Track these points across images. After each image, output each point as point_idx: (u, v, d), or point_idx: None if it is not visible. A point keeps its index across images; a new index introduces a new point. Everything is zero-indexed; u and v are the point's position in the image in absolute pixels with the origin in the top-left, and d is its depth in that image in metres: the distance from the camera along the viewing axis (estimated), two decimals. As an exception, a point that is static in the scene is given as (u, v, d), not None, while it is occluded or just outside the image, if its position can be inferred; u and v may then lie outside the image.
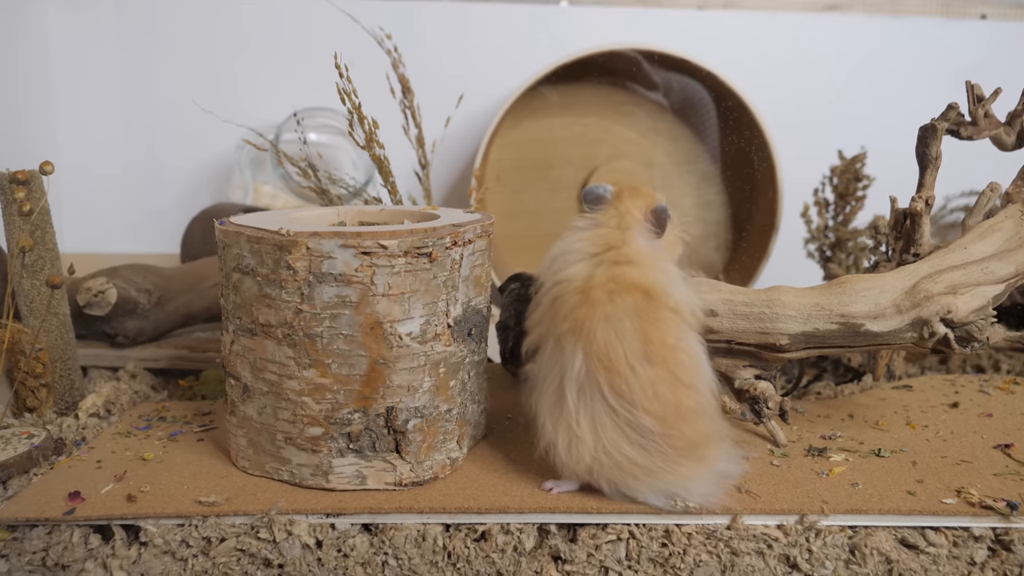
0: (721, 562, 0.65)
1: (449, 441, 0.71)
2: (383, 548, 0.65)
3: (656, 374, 0.63)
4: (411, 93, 1.01)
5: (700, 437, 0.64)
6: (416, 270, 0.65)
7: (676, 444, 0.63)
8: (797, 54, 1.65)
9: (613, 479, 0.65)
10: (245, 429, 0.70)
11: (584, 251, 0.67)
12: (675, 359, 0.63)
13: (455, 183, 1.65)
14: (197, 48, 1.58)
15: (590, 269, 0.66)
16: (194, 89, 1.57)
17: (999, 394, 0.92)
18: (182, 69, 1.58)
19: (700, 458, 0.65)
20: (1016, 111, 0.86)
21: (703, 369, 0.66)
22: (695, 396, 0.64)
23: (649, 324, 0.63)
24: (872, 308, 0.70)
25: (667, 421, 0.63)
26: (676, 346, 0.64)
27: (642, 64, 1.46)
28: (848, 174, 1.25)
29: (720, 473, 0.66)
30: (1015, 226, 0.75)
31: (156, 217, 1.61)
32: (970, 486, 0.69)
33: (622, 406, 0.63)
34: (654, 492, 0.65)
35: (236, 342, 0.69)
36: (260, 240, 0.65)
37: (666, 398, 0.63)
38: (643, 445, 0.63)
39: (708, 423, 0.65)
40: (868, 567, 0.65)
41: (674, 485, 0.65)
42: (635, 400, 0.62)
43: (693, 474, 0.65)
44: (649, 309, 0.64)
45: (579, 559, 0.65)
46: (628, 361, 0.63)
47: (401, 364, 0.66)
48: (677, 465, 0.64)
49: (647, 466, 0.64)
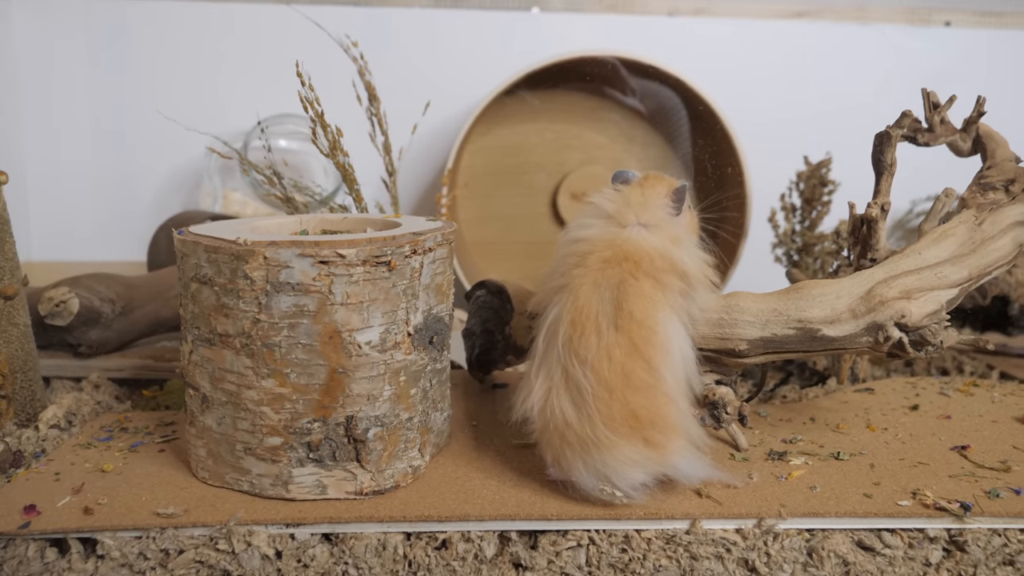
0: (680, 566, 0.65)
1: (411, 449, 0.71)
2: (343, 558, 0.65)
3: (617, 339, 0.64)
4: (377, 100, 1.01)
5: (650, 416, 0.64)
6: (375, 279, 0.65)
7: (616, 413, 0.63)
8: (766, 61, 1.67)
9: (555, 450, 0.66)
10: (205, 439, 0.70)
11: (604, 212, 0.71)
12: (639, 332, 0.64)
13: (427, 190, 1.65)
14: (167, 54, 1.57)
15: (602, 232, 0.70)
16: (165, 96, 1.56)
17: (959, 396, 0.93)
18: (152, 75, 1.57)
19: (647, 441, 0.64)
20: (971, 118, 0.88)
21: (671, 352, 0.66)
22: (652, 372, 0.64)
23: (623, 295, 0.65)
24: (828, 313, 0.71)
25: (613, 387, 0.63)
26: (643, 321, 0.65)
27: (619, 69, 1.47)
28: (814, 179, 1.27)
29: (673, 470, 0.66)
30: (969, 231, 0.77)
31: (126, 224, 1.60)
32: (926, 488, 0.70)
33: (575, 364, 0.64)
34: (588, 470, 0.65)
35: (195, 352, 0.69)
36: (217, 250, 0.64)
37: (619, 363, 0.64)
38: (586, 410, 0.64)
39: (666, 406, 0.64)
40: (825, 570, 0.65)
41: (608, 467, 0.64)
42: (588, 359, 0.64)
43: (633, 457, 0.64)
44: (632, 281, 0.66)
45: (540, 566, 0.65)
46: (596, 322, 0.65)
47: (361, 373, 0.66)
48: (616, 441, 0.63)
49: (583, 436, 0.64)
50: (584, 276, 0.67)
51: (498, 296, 0.89)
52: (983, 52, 1.70)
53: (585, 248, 0.69)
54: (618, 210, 0.71)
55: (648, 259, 0.67)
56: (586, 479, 0.65)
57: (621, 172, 0.75)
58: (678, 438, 0.66)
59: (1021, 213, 0.80)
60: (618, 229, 0.70)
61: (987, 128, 0.89)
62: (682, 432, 0.66)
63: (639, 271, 0.67)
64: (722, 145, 1.44)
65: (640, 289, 0.66)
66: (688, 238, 0.73)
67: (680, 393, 0.66)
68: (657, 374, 0.65)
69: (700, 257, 0.73)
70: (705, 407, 0.74)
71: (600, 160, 1.54)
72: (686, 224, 0.74)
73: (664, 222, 0.71)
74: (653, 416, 0.64)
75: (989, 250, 0.76)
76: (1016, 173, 0.83)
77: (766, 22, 1.66)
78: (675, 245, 0.70)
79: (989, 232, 0.77)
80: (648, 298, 0.66)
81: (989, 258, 0.76)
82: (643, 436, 0.64)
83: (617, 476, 0.65)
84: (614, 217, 0.70)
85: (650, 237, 0.69)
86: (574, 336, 0.66)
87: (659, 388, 0.65)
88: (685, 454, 0.66)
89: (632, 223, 0.70)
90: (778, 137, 1.58)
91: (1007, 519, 0.67)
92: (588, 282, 0.67)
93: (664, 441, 0.65)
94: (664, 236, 0.70)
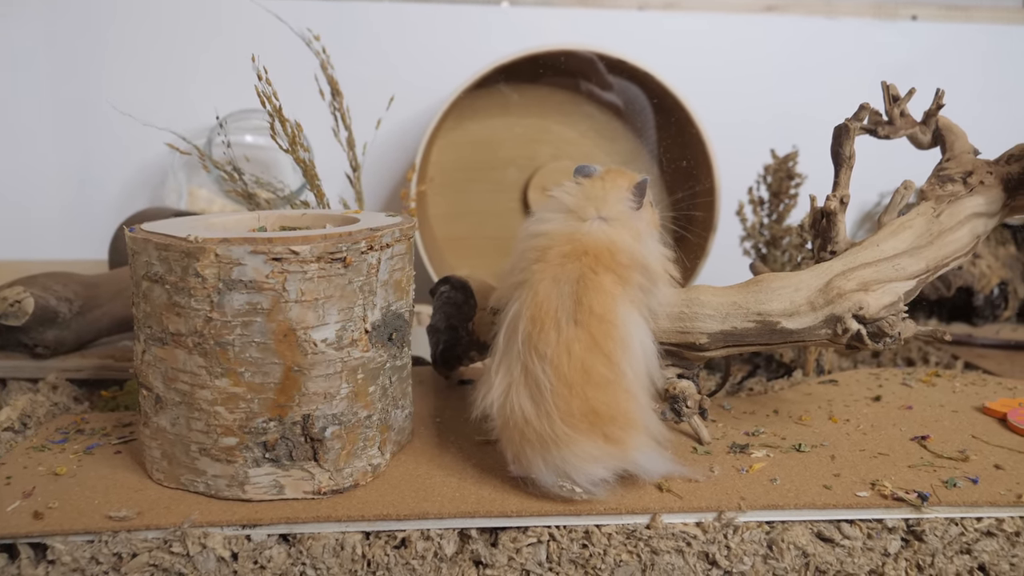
0: (641, 561, 0.65)
1: (370, 447, 0.70)
2: (300, 558, 0.64)
3: (576, 334, 0.64)
4: (340, 95, 1.00)
5: (610, 411, 0.63)
6: (330, 275, 0.65)
7: (576, 409, 0.63)
8: (735, 54, 1.67)
9: (515, 447, 0.65)
10: (159, 440, 0.68)
11: (564, 206, 0.70)
12: (600, 327, 0.64)
13: (397, 185, 1.64)
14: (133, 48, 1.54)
15: (562, 226, 0.69)
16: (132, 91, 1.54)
17: (921, 387, 0.94)
18: (117, 70, 1.55)
19: (607, 437, 0.63)
20: (930, 110, 0.88)
21: (632, 346, 0.65)
22: (611, 367, 0.64)
23: (583, 289, 0.65)
24: (787, 306, 0.71)
25: (572, 383, 0.63)
26: (603, 316, 0.64)
27: (597, 64, 1.47)
28: (781, 173, 1.27)
29: (633, 466, 0.66)
30: (927, 223, 0.77)
31: (89, 222, 1.57)
32: (884, 478, 0.70)
33: (534, 360, 0.64)
34: (548, 467, 0.64)
35: (147, 352, 0.67)
36: (168, 247, 0.63)
37: (578, 358, 0.63)
38: (545, 407, 0.63)
39: (626, 401, 0.64)
40: (785, 561, 0.66)
41: (568, 463, 0.64)
42: (547, 355, 0.63)
43: (593, 453, 0.63)
44: (592, 276, 0.66)
45: (500, 563, 0.65)
46: (556, 317, 0.65)
47: (317, 371, 0.65)
48: (575, 437, 0.63)
49: (542, 432, 0.63)
50: (544, 271, 0.67)
51: (462, 292, 0.89)
52: (949, 46, 1.71)
53: (544, 243, 0.68)
54: (578, 204, 0.70)
55: (608, 253, 0.67)
56: (546, 476, 0.65)
57: (583, 166, 0.75)
58: (638, 434, 0.65)
59: (979, 205, 0.81)
60: (578, 223, 0.69)
61: (946, 121, 0.90)
62: (642, 428, 0.66)
63: (599, 265, 0.66)
64: (691, 139, 1.44)
65: (600, 283, 0.66)
66: (649, 232, 0.73)
67: (641, 388, 0.66)
68: (617, 369, 0.65)
69: (660, 252, 0.73)
70: (666, 401, 0.74)
71: (570, 155, 1.54)
72: (647, 219, 0.74)
73: (624, 216, 0.70)
74: (613, 412, 0.64)
75: (947, 242, 0.77)
76: (974, 165, 0.83)
77: (736, 16, 1.67)
78: (635, 239, 0.70)
79: (947, 224, 0.78)
80: (608, 292, 0.66)
81: (947, 249, 0.77)
82: (603, 432, 0.64)
83: (577, 472, 0.64)
84: (574, 211, 0.70)
85: (610, 231, 0.69)
86: (533, 332, 0.65)
87: (619, 383, 0.65)
88: (645, 450, 0.66)
89: (592, 217, 0.69)
90: (747, 131, 1.58)
91: (964, 508, 0.68)
92: (548, 277, 0.66)
93: (624, 437, 0.64)
94: (624, 230, 0.69)
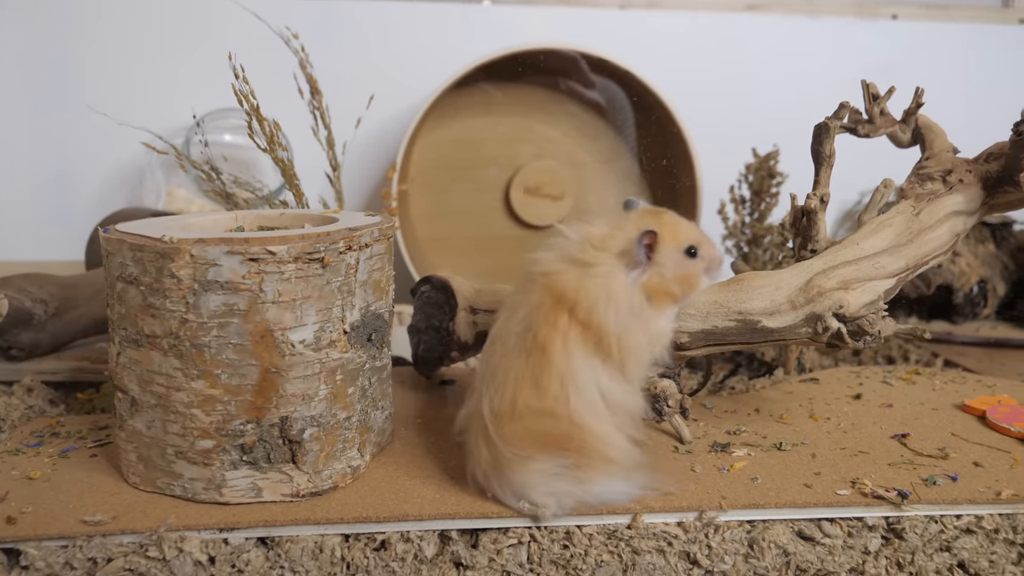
0: (623, 561, 0.65)
1: (349, 449, 0.69)
2: (279, 561, 0.63)
3: (521, 361, 0.63)
4: (319, 94, 0.99)
5: (556, 439, 0.62)
6: (308, 276, 0.64)
7: (519, 434, 0.62)
8: (717, 53, 1.68)
9: (475, 466, 0.66)
10: (135, 444, 0.68)
11: (564, 247, 0.66)
12: (540, 359, 0.62)
13: (378, 185, 1.63)
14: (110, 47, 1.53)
15: (550, 261, 0.66)
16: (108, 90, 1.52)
17: (901, 384, 0.94)
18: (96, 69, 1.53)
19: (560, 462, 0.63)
20: (910, 109, 0.89)
21: (578, 383, 0.62)
22: (544, 398, 0.62)
23: (536, 318, 0.63)
24: (768, 305, 0.71)
25: (501, 416, 0.63)
26: (544, 348, 0.62)
27: (580, 63, 1.46)
28: (762, 171, 1.28)
29: (594, 498, 0.65)
30: (906, 221, 0.77)
31: (66, 223, 1.55)
32: (865, 477, 0.70)
33: (487, 383, 0.64)
34: (503, 490, 0.65)
35: (122, 354, 0.66)
36: (142, 248, 0.62)
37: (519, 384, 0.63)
38: (494, 430, 0.63)
39: (573, 430, 0.62)
40: (766, 560, 0.66)
41: (524, 487, 0.64)
42: (497, 378, 0.64)
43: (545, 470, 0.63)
44: (548, 309, 0.64)
45: (481, 564, 0.64)
46: (508, 342, 0.65)
47: (294, 372, 0.64)
48: (521, 464, 0.63)
49: (494, 456, 0.64)
50: (514, 297, 0.67)
51: (442, 291, 0.88)
52: (929, 45, 1.72)
53: (533, 270, 0.67)
54: (573, 247, 0.66)
55: (573, 300, 0.63)
56: (507, 498, 0.65)
57: (631, 201, 0.71)
58: (599, 463, 0.64)
59: (958, 203, 0.81)
60: (564, 266, 0.65)
61: (926, 119, 0.90)
62: (600, 458, 0.64)
63: (561, 304, 0.63)
64: (672, 138, 1.44)
65: (552, 318, 0.63)
66: (627, 294, 0.64)
67: (596, 419, 0.63)
68: (556, 402, 0.62)
69: (629, 319, 0.64)
70: (647, 400, 0.74)
71: (552, 153, 1.54)
72: (638, 279, 0.66)
73: (609, 269, 0.64)
74: (559, 439, 0.62)
75: (926, 240, 0.77)
76: (953, 163, 0.84)
77: (717, 15, 1.67)
78: (607, 299, 0.63)
79: (927, 222, 0.78)
80: (557, 327, 0.63)
81: (926, 248, 0.77)
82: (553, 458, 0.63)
83: (533, 491, 0.64)
84: (567, 252, 0.66)
85: (585, 281, 0.64)
86: (493, 356, 0.66)
87: (561, 413, 0.62)
88: (603, 481, 0.64)
89: (580, 262, 0.65)
90: (728, 129, 1.58)
91: (943, 506, 0.68)
92: (515, 303, 0.66)
93: (582, 465, 0.63)
94: (599, 285, 0.63)
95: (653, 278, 0.66)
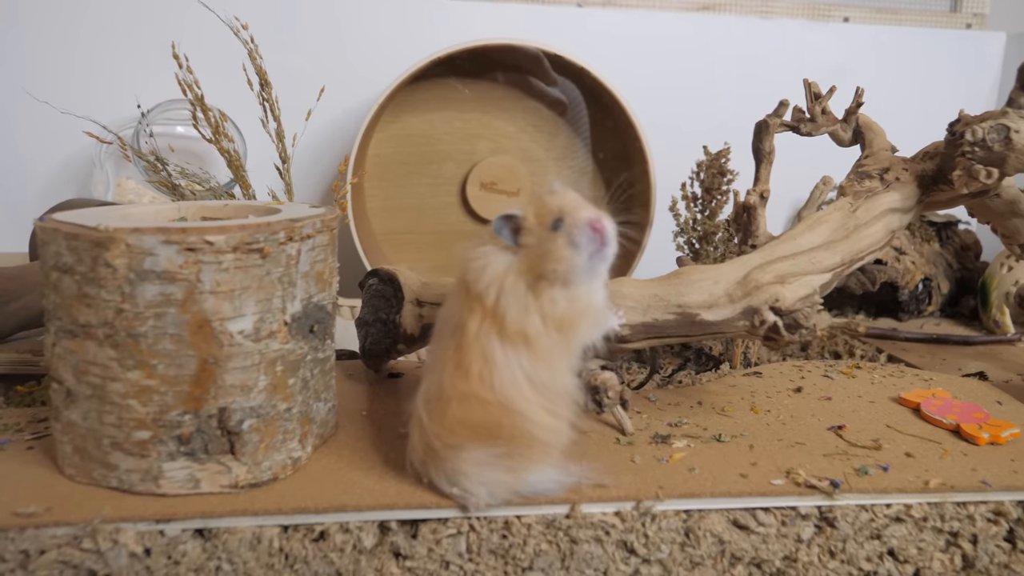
0: (561, 551, 0.66)
1: (290, 440, 0.69)
2: (216, 553, 0.63)
3: (448, 345, 0.65)
4: (268, 85, 0.98)
5: (486, 427, 0.63)
6: (247, 266, 0.64)
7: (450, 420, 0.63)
8: (672, 52, 1.69)
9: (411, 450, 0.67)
10: (70, 435, 0.67)
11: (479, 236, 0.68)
12: (460, 341, 0.64)
13: (332, 178, 1.62)
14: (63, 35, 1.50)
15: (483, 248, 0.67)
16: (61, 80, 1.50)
17: (841, 378, 0.96)
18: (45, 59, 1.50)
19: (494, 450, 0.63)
20: (851, 108, 0.91)
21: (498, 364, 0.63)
22: (471, 383, 0.63)
23: (457, 304, 0.66)
24: (707, 298, 0.73)
25: (431, 401, 0.65)
26: (463, 330, 0.64)
27: (542, 60, 1.47)
28: (713, 169, 1.29)
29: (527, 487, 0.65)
30: (843, 218, 0.79)
31: (12, 215, 1.52)
32: (800, 467, 0.72)
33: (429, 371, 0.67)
34: (437, 476, 0.66)
35: (58, 344, 0.66)
36: (77, 237, 0.62)
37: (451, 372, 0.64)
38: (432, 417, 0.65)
39: (504, 418, 0.63)
40: (702, 549, 0.67)
41: (456, 475, 0.64)
42: (435, 367, 0.66)
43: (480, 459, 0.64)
44: (466, 294, 0.65)
45: (420, 554, 0.65)
46: (443, 332, 0.67)
47: (233, 363, 0.64)
48: (454, 453, 0.64)
49: (422, 447, 0.65)
50: (452, 287, 0.69)
51: (390, 285, 0.88)
52: (879, 47, 1.76)
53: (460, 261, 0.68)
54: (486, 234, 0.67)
55: (474, 289, 0.64)
56: (441, 484, 0.66)
57: None
58: (530, 453, 0.64)
59: (894, 200, 0.83)
60: (496, 248, 0.66)
61: (866, 119, 0.92)
62: (531, 446, 0.64)
63: (471, 292, 0.65)
64: (627, 135, 1.45)
65: (469, 303, 0.64)
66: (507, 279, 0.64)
67: (525, 402, 0.63)
68: (481, 385, 0.63)
69: (524, 311, 0.63)
70: (588, 392, 0.75)
71: (508, 149, 1.54)
72: (520, 265, 0.64)
73: (491, 259, 0.65)
74: (491, 428, 0.63)
75: (862, 236, 0.79)
76: (891, 162, 0.86)
77: (672, 14, 1.69)
78: (496, 287, 0.63)
79: (863, 218, 0.80)
80: (472, 311, 0.64)
81: (862, 243, 0.79)
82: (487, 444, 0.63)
83: (466, 479, 0.64)
84: (482, 238, 0.67)
85: (479, 269, 0.64)
86: (432, 346, 0.68)
87: (487, 397, 0.63)
88: (536, 470, 0.65)
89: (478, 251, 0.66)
90: (683, 127, 1.60)
91: (874, 495, 0.70)
92: (450, 293, 0.68)
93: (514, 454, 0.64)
94: (484, 272, 0.64)
95: (523, 262, 0.64)
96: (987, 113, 0.78)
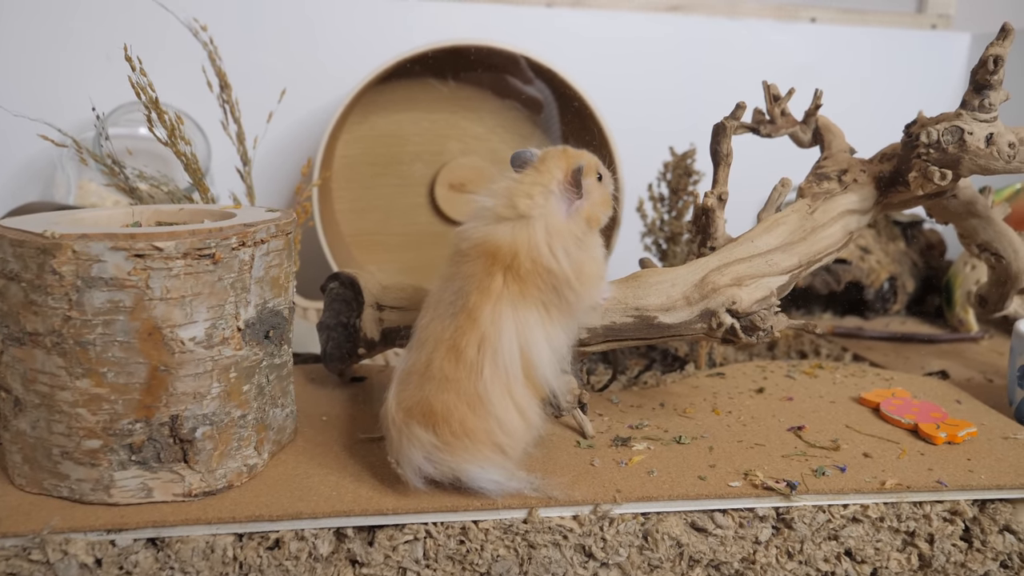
0: (519, 556, 0.65)
1: (245, 448, 0.68)
2: (168, 562, 0.62)
3: (443, 327, 0.65)
4: (228, 87, 0.97)
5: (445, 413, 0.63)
6: (198, 272, 0.63)
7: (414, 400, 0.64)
8: (640, 53, 1.70)
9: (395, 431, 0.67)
10: (19, 445, 0.66)
11: (484, 210, 0.68)
12: (465, 323, 0.64)
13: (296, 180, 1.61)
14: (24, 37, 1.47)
15: (478, 232, 0.67)
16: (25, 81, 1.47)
17: (804, 378, 0.97)
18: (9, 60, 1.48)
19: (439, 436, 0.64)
20: (810, 110, 0.91)
21: (500, 350, 0.64)
22: (460, 367, 0.63)
23: (469, 284, 0.65)
24: (664, 301, 0.73)
25: (411, 374, 0.66)
26: (472, 312, 0.64)
27: (520, 61, 1.46)
28: (679, 169, 1.30)
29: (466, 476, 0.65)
30: (800, 219, 0.79)
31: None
32: (758, 469, 0.72)
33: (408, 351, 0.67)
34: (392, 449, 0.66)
35: (5, 352, 0.64)
36: (23, 243, 0.61)
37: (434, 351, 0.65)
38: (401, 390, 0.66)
39: (468, 407, 0.63)
40: (660, 552, 0.67)
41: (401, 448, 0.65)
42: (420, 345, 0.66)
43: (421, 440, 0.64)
44: (483, 276, 0.65)
45: (376, 561, 0.64)
46: (436, 312, 0.67)
47: (185, 370, 0.63)
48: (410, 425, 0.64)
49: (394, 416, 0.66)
50: (448, 270, 0.68)
51: (351, 288, 0.87)
52: (846, 48, 1.77)
53: (462, 245, 0.68)
54: (497, 205, 0.67)
55: (510, 255, 0.65)
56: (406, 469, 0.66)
57: (518, 154, 0.70)
58: (475, 444, 0.64)
59: (852, 202, 0.84)
60: (493, 226, 0.66)
61: (825, 120, 0.93)
62: (484, 439, 0.64)
63: (496, 265, 0.65)
64: (595, 136, 1.45)
65: (485, 284, 0.65)
66: (579, 228, 0.68)
67: (501, 395, 0.64)
68: (471, 370, 0.63)
69: (580, 252, 0.67)
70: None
71: (477, 150, 1.54)
72: (584, 210, 0.68)
73: (549, 211, 0.66)
74: (447, 414, 0.63)
75: (819, 237, 0.80)
76: (849, 163, 0.87)
77: (641, 15, 1.69)
78: (552, 239, 0.66)
79: (820, 220, 0.81)
80: (488, 291, 0.65)
81: (819, 245, 0.79)
82: (434, 430, 0.64)
83: (404, 459, 0.65)
84: (493, 212, 0.67)
85: (519, 233, 0.65)
86: (421, 321, 0.68)
87: (467, 387, 0.63)
88: (482, 464, 0.65)
89: (511, 217, 0.66)
90: (650, 127, 1.60)
91: (831, 496, 0.70)
92: (450, 275, 0.68)
93: (455, 443, 0.64)
94: (538, 230, 0.66)
95: (586, 207, 0.69)
96: (942, 115, 0.79)
